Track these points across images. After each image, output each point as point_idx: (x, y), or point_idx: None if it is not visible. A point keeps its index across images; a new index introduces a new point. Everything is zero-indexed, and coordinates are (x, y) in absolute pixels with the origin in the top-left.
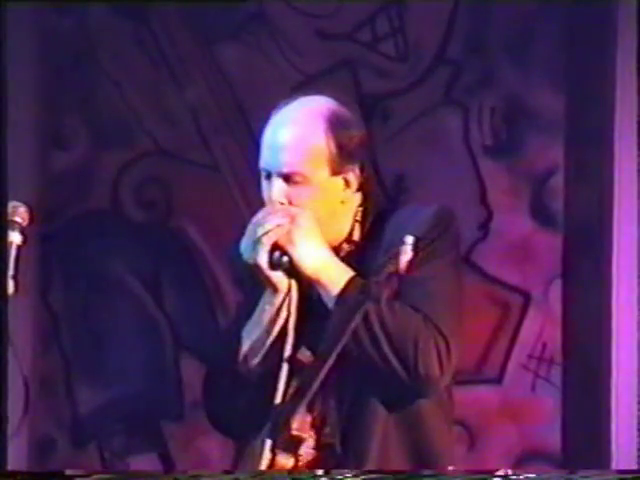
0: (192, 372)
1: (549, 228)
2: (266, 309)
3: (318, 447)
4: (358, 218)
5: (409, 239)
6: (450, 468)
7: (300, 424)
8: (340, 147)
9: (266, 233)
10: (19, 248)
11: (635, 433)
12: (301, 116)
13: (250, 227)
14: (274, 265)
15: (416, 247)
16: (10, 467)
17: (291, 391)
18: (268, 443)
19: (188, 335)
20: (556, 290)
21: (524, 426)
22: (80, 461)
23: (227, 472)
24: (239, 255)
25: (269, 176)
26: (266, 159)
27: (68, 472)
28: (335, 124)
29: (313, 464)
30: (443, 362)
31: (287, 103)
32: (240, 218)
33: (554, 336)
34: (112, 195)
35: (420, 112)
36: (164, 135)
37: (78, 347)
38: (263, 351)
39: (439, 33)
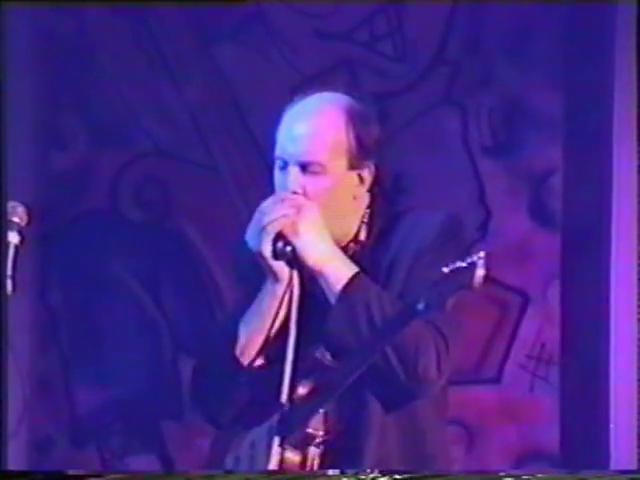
0: (191, 372)
1: (548, 228)
2: (265, 299)
3: (322, 445)
4: (365, 219)
5: (482, 254)
6: None
7: (313, 422)
8: (359, 141)
9: (271, 222)
10: (17, 248)
11: (634, 433)
12: (322, 108)
13: (256, 215)
14: (277, 254)
15: (488, 262)
16: (9, 467)
17: (304, 389)
18: (277, 440)
19: (187, 335)
20: (555, 290)
21: (522, 426)
22: (79, 461)
23: (228, 473)
24: (243, 245)
25: (284, 166)
26: (284, 148)
27: (70, 472)
28: (355, 118)
29: (317, 462)
30: (442, 364)
31: (303, 97)
32: (238, 218)
33: (552, 336)
34: (111, 195)
35: (419, 112)
36: (163, 135)
37: (77, 347)
38: (262, 342)
39: (437, 33)
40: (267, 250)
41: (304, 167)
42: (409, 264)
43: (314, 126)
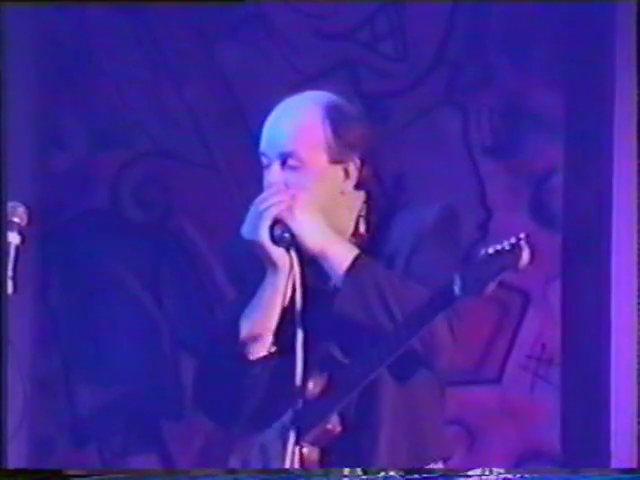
0: (191, 371)
1: (548, 228)
2: (267, 291)
3: (339, 441)
4: (362, 213)
5: (523, 235)
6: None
7: (331, 417)
8: (338, 135)
9: (267, 208)
10: (18, 248)
11: (634, 433)
12: (299, 104)
13: (251, 208)
14: (276, 241)
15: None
16: (10, 466)
17: (319, 384)
18: (293, 437)
19: (187, 335)
20: (555, 290)
21: (523, 426)
22: (80, 461)
23: (230, 471)
24: (240, 243)
25: (268, 163)
26: (264, 145)
27: (70, 472)
28: (333, 113)
29: (335, 458)
30: (455, 331)
31: (288, 97)
32: (238, 218)
33: (553, 336)
34: (111, 195)
35: (419, 112)
36: (163, 135)
37: (77, 347)
38: (266, 335)
39: (438, 33)
40: (265, 236)
41: (284, 162)
42: (407, 254)
43: (291, 123)
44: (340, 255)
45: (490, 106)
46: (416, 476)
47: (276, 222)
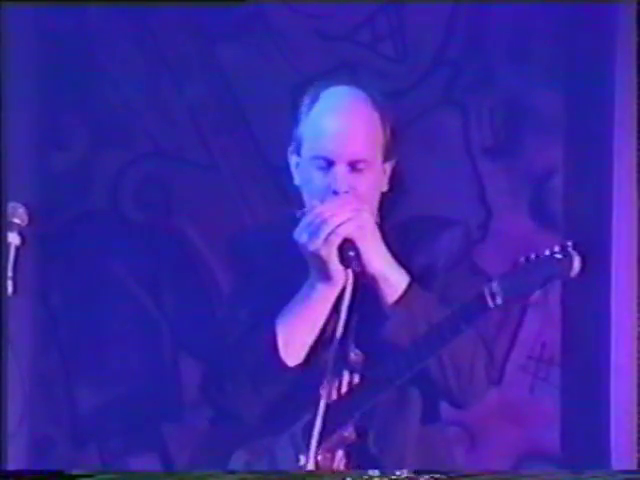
0: (191, 372)
1: (548, 228)
2: (316, 301)
3: (351, 447)
4: (377, 220)
5: (570, 243)
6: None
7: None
8: (391, 133)
9: (339, 226)
10: (18, 249)
11: (634, 433)
12: (353, 103)
13: (315, 218)
14: (342, 259)
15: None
16: (10, 467)
17: (341, 391)
18: (314, 442)
19: (187, 335)
20: (555, 291)
21: (523, 427)
22: (79, 461)
23: (231, 472)
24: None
25: (327, 166)
26: (326, 148)
27: (69, 472)
28: (384, 112)
29: (344, 463)
30: (490, 384)
31: (322, 90)
32: (238, 218)
33: (553, 337)
34: (111, 195)
35: (419, 112)
36: (163, 135)
37: (77, 347)
38: (308, 344)
39: (438, 33)
40: (333, 254)
41: (353, 165)
42: (444, 271)
43: (354, 122)
44: (395, 282)
45: (490, 106)
46: (425, 477)
47: (344, 240)
